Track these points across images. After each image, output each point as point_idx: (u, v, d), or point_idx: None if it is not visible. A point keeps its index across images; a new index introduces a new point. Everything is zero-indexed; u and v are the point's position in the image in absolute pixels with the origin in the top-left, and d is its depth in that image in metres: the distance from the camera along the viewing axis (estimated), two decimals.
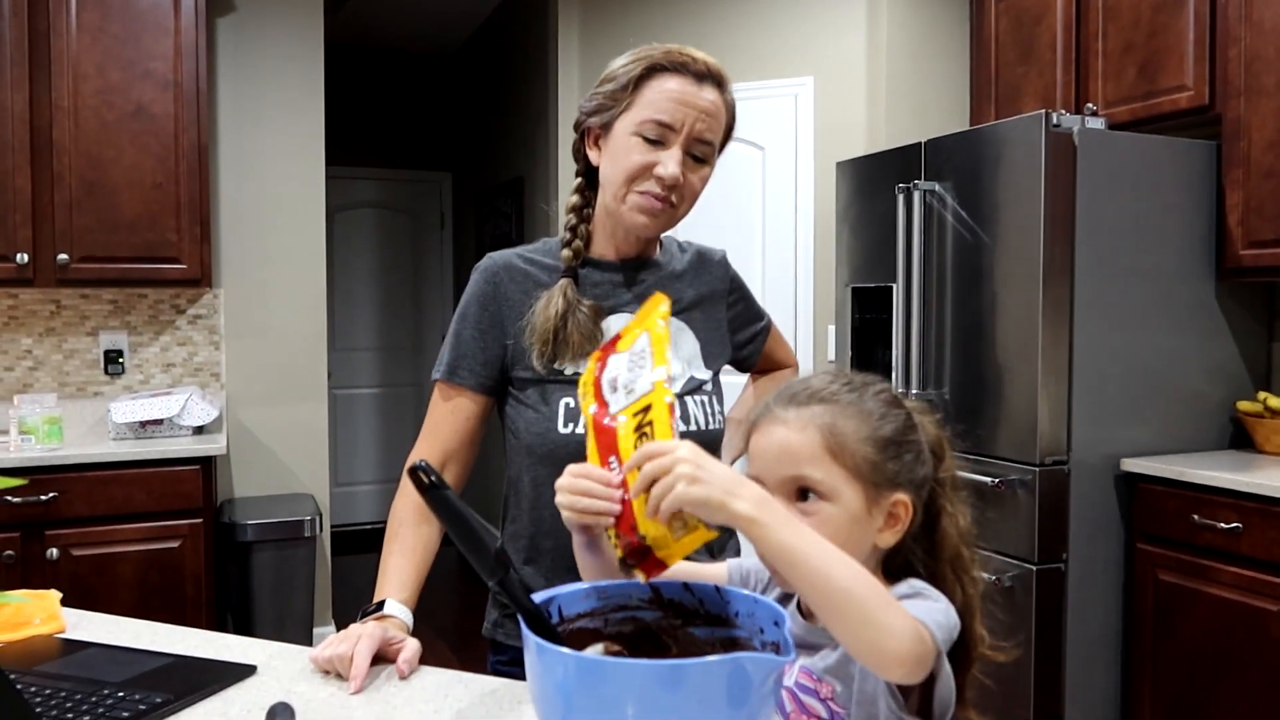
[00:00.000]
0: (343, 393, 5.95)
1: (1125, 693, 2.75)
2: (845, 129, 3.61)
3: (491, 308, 1.36)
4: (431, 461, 1.33)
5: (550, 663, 0.77)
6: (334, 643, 1.14)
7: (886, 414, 0.96)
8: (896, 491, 0.94)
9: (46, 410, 3.02)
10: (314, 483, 3.90)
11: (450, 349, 1.38)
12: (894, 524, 0.95)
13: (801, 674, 0.94)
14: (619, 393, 0.95)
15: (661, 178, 1.27)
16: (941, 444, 1.02)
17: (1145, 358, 2.78)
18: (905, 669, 0.81)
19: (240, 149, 3.75)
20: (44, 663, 1.17)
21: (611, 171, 1.32)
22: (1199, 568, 2.53)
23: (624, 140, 1.29)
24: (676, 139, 1.28)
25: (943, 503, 1.00)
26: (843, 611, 0.80)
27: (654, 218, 1.31)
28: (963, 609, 0.96)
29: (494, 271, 1.38)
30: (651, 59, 1.29)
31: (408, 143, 6.20)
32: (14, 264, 3.10)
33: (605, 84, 1.32)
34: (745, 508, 0.80)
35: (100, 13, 3.18)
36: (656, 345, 0.95)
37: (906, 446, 0.96)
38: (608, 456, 0.92)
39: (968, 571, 1.00)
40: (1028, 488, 2.65)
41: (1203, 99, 2.80)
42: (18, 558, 2.88)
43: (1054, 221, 2.63)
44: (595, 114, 1.33)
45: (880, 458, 0.94)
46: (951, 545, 1.00)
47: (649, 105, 1.28)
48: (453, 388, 1.37)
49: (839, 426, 0.93)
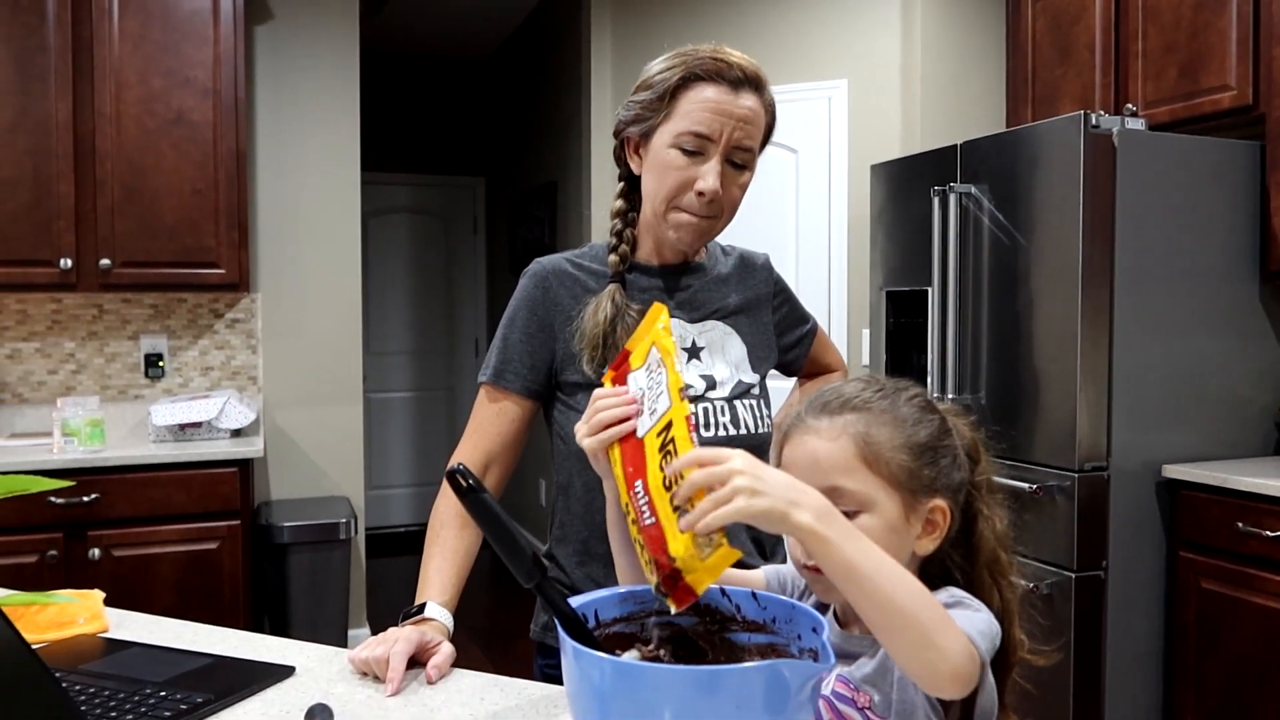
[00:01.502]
0: (377, 396, 6.00)
1: (1167, 704, 2.70)
2: (880, 131, 3.58)
3: (540, 312, 1.36)
4: (474, 464, 1.34)
5: (587, 667, 0.77)
6: (372, 645, 1.15)
7: (921, 419, 0.95)
8: (934, 498, 0.93)
9: (89, 413, 3.07)
10: (349, 485, 3.93)
11: (497, 353, 1.38)
12: (932, 530, 0.94)
13: (839, 683, 0.93)
14: (643, 412, 0.94)
15: (702, 192, 1.27)
16: (977, 447, 1.01)
17: (1187, 362, 2.73)
18: (956, 688, 0.81)
19: (277, 155, 3.80)
20: (88, 662, 1.18)
21: (653, 186, 1.32)
22: (1243, 576, 2.48)
23: (663, 153, 1.29)
24: (715, 149, 1.27)
25: (979, 506, 0.99)
26: (900, 631, 0.79)
27: (696, 234, 1.32)
28: (1000, 613, 0.95)
29: (543, 276, 1.38)
30: (687, 66, 1.28)
31: (441, 147, 6.24)
32: (58, 269, 3.16)
33: (642, 91, 1.32)
34: (808, 519, 0.78)
35: (141, 20, 3.24)
36: (665, 358, 0.94)
37: (942, 451, 0.95)
38: (634, 482, 0.90)
39: (1005, 576, 0.98)
40: (1066, 494, 2.62)
41: (1246, 99, 2.75)
42: (60, 557, 2.93)
43: (1093, 224, 2.59)
44: (634, 123, 1.33)
45: (916, 464, 0.92)
46: (989, 549, 0.98)
47: (686, 116, 1.27)
48: (499, 391, 1.37)
49: (873, 434, 0.92)
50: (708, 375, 1.35)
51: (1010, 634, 0.97)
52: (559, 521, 1.40)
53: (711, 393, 1.33)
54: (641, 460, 0.91)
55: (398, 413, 6.19)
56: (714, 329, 1.39)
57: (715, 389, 1.34)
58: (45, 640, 1.26)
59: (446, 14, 5.37)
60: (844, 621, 0.97)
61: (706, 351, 1.37)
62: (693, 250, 1.38)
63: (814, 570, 0.91)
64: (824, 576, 0.89)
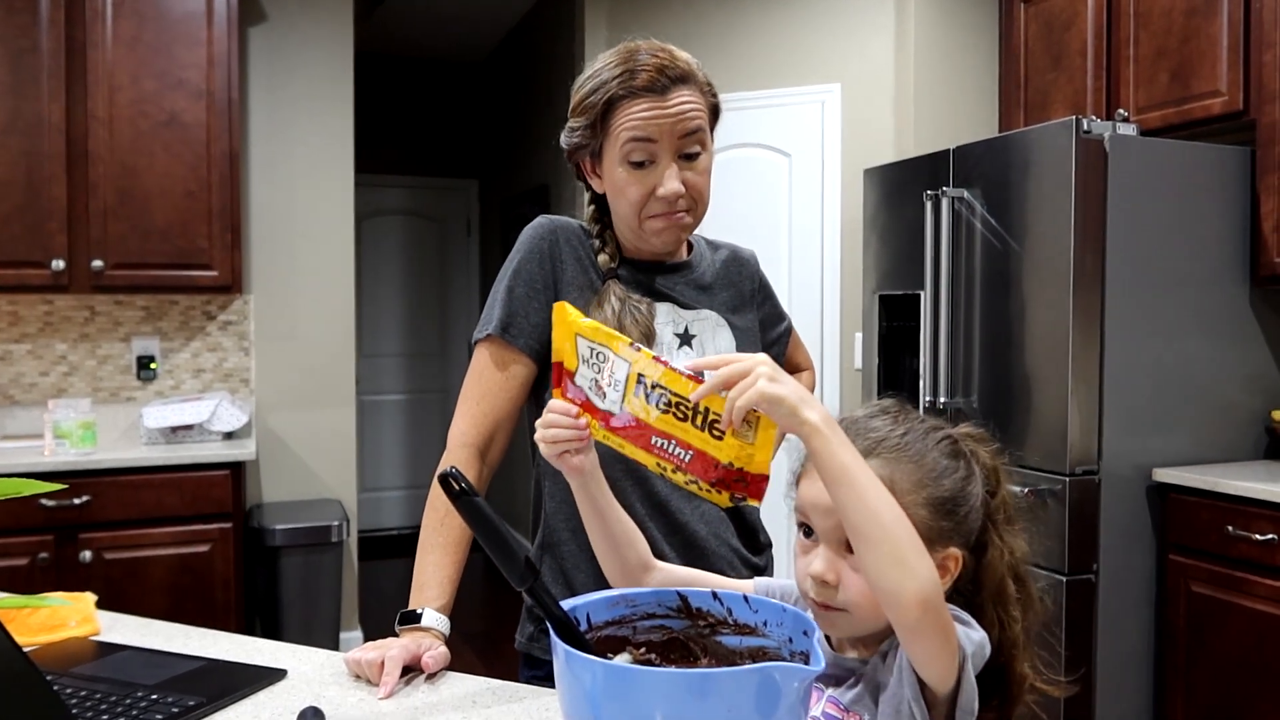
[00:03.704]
0: (370, 399, 5.99)
1: (1157, 706, 2.71)
2: (873, 136, 3.59)
3: (547, 266, 1.33)
4: (482, 432, 1.30)
5: (579, 670, 0.77)
6: (367, 649, 1.14)
7: (946, 469, 0.92)
8: (949, 546, 0.92)
9: (81, 415, 3.06)
10: (341, 488, 3.93)
11: (501, 305, 1.32)
12: (943, 575, 0.91)
13: (829, 704, 0.93)
14: (607, 394, 0.96)
15: (665, 197, 1.27)
16: (997, 474, 0.98)
17: (1178, 366, 2.74)
18: (918, 611, 0.81)
19: (270, 157, 3.80)
20: (80, 664, 1.18)
21: (620, 207, 1.32)
22: (1233, 580, 2.49)
23: (616, 174, 1.29)
24: (663, 151, 1.26)
25: (991, 536, 0.96)
26: (877, 543, 0.81)
27: (676, 230, 1.32)
28: (999, 644, 0.93)
29: (551, 230, 1.35)
30: (607, 89, 1.26)
31: (435, 150, 6.24)
32: (50, 271, 3.15)
33: (577, 116, 1.30)
34: (815, 417, 0.83)
35: (135, 23, 3.23)
36: (596, 335, 0.96)
37: (962, 501, 0.93)
38: (650, 441, 0.94)
39: (1008, 609, 0.95)
40: (1057, 497, 2.63)
41: (1237, 104, 2.76)
42: (52, 560, 2.92)
43: (1085, 228, 2.61)
44: (579, 149, 1.32)
45: (935, 517, 0.91)
46: (995, 579, 0.95)
47: (624, 133, 1.25)
48: (505, 348, 1.31)
49: (898, 485, 0.89)
50: None
51: (1012, 666, 0.95)
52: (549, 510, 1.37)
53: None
54: (641, 424, 0.94)
55: (390, 415, 6.18)
56: (707, 318, 1.39)
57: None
58: (36, 643, 1.25)
59: (440, 17, 5.37)
60: (836, 645, 0.97)
61: (698, 340, 1.36)
62: (678, 244, 1.37)
63: (821, 606, 0.91)
64: (828, 612, 0.90)
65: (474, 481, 1.26)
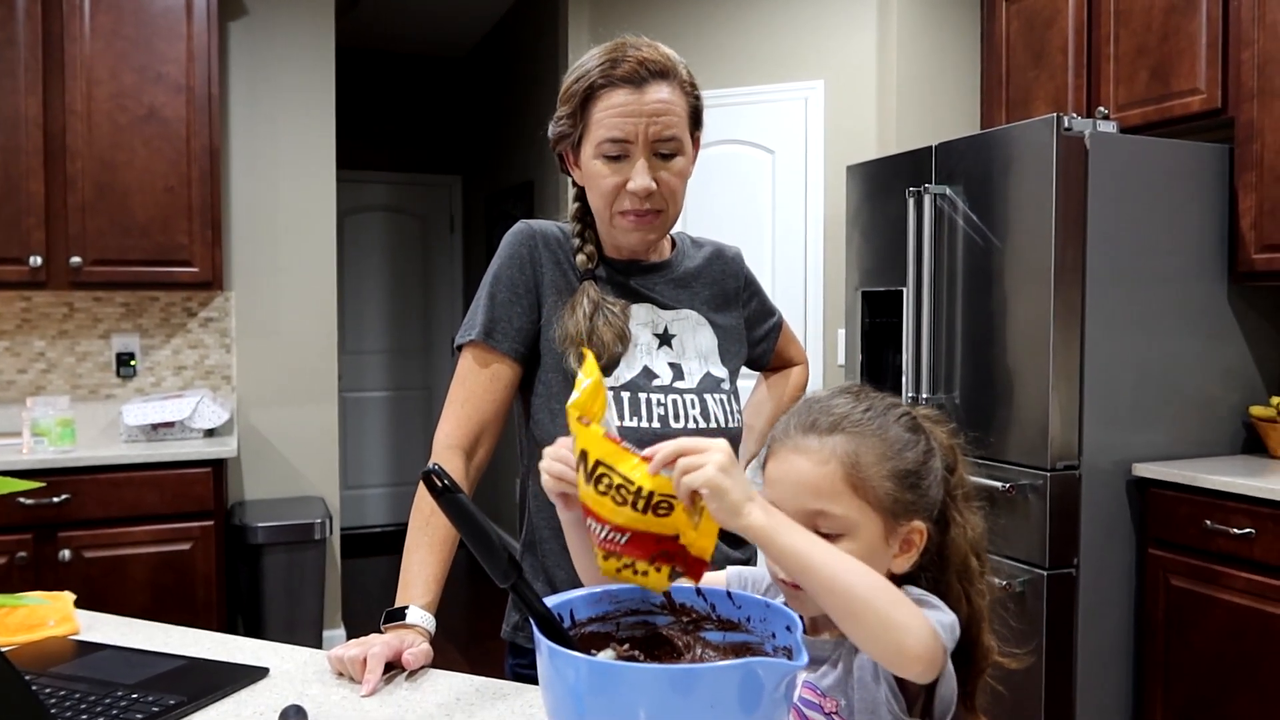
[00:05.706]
0: (352, 396, 5.97)
1: (1137, 699, 2.74)
2: (855, 132, 3.60)
3: (528, 271, 1.34)
4: (468, 435, 1.31)
5: (562, 666, 0.77)
6: (350, 646, 1.14)
7: (908, 443, 0.95)
8: (914, 519, 0.94)
9: (59, 412, 3.04)
10: (324, 485, 3.91)
11: (484, 310, 1.33)
12: (909, 550, 0.95)
13: (806, 689, 0.94)
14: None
15: (634, 192, 1.27)
16: (954, 453, 1.01)
17: (1157, 362, 2.77)
18: (922, 665, 0.82)
19: (252, 152, 3.77)
20: (59, 664, 1.17)
21: (593, 199, 1.33)
22: (1211, 573, 2.52)
23: (590, 166, 1.30)
24: (636, 149, 1.27)
25: (952, 513, 0.99)
26: (861, 616, 0.81)
27: (645, 230, 1.32)
28: (968, 620, 0.95)
29: (530, 235, 1.36)
30: (590, 78, 1.28)
31: (418, 146, 6.22)
32: (27, 267, 3.11)
33: (562, 105, 1.32)
34: (757, 518, 0.81)
35: (113, 17, 3.20)
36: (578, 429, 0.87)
37: (925, 473, 0.95)
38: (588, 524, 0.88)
39: (974, 584, 0.99)
40: (1039, 492, 2.64)
41: (1215, 102, 2.79)
42: (30, 559, 2.89)
43: (1065, 225, 2.62)
44: (562, 139, 1.34)
45: (900, 489, 0.93)
46: (960, 556, 0.99)
47: (600, 126, 1.27)
48: (489, 352, 1.33)
49: (861, 459, 0.92)
50: (676, 364, 1.34)
51: (979, 640, 0.98)
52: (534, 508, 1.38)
53: (679, 383, 1.33)
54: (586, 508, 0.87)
55: (373, 412, 6.16)
56: (687, 317, 1.39)
57: (683, 379, 1.34)
58: (14, 643, 1.24)
59: (422, 12, 5.34)
60: (809, 627, 0.97)
61: (677, 340, 1.37)
62: (647, 246, 1.37)
63: (792, 586, 0.92)
64: (799, 592, 0.90)
65: (460, 483, 1.26)
